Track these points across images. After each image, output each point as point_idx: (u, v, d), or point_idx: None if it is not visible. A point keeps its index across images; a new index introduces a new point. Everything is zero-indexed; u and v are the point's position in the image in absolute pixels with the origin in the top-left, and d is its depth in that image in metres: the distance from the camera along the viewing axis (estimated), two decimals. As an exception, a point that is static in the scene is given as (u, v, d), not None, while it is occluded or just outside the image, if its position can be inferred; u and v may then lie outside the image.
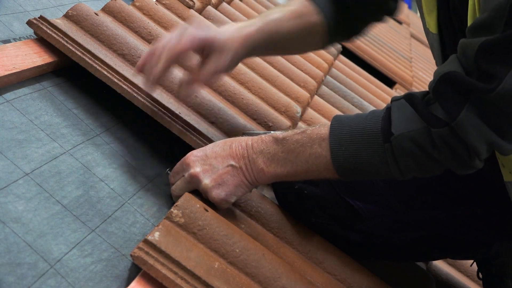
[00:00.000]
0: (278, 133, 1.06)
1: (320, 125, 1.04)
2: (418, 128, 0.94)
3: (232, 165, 1.04)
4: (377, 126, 0.98)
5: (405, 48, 3.65)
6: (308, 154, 1.02)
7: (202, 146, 1.17)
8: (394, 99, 0.99)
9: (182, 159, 1.08)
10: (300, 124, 1.60)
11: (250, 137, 1.07)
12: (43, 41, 1.19)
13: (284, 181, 1.11)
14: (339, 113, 1.83)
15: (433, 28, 1.14)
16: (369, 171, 1.01)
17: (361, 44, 2.95)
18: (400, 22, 4.47)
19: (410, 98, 0.96)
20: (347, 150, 0.99)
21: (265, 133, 1.09)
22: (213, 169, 1.04)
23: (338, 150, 1.00)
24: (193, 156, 1.06)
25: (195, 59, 1.18)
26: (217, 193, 1.03)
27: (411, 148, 0.95)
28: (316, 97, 1.83)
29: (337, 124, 1.02)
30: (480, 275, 1.39)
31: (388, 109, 0.99)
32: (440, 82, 0.92)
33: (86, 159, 1.03)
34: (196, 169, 1.04)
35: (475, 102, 0.90)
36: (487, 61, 0.88)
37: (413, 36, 4.42)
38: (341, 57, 2.56)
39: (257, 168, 1.04)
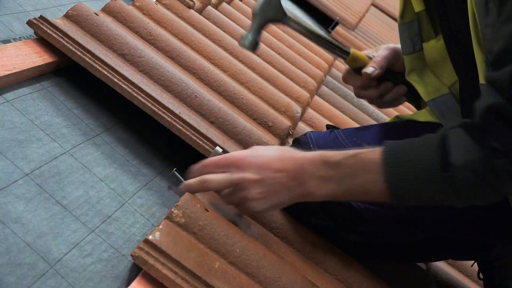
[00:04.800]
0: (327, 154, 1.03)
1: (373, 149, 1.01)
2: (478, 158, 0.91)
3: (282, 183, 1.02)
4: (434, 155, 0.95)
5: (405, 48, 3.64)
6: (364, 179, 1.00)
7: (202, 146, 1.17)
8: (451, 127, 0.97)
9: (233, 157, 1.04)
10: (300, 124, 1.60)
11: (302, 156, 1.04)
12: (43, 41, 1.19)
13: None
14: (339, 113, 1.83)
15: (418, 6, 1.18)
16: (425, 200, 0.99)
17: (361, 44, 2.95)
18: (400, 22, 4.47)
19: (467, 127, 0.94)
20: (403, 179, 0.97)
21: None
22: (264, 182, 1.01)
23: (394, 178, 0.97)
24: (248, 160, 1.02)
25: None
26: (257, 205, 1.02)
27: (471, 179, 0.93)
28: (316, 97, 1.83)
29: (391, 150, 0.99)
30: (481, 276, 1.39)
31: (444, 137, 0.96)
32: (485, 115, 0.90)
33: (86, 159, 1.03)
34: (249, 175, 1.01)
35: None
36: None
37: (413, 36, 4.41)
38: (341, 57, 2.55)
39: (308, 191, 1.02)
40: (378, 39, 3.29)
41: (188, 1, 1.70)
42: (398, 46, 1.31)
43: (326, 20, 3.05)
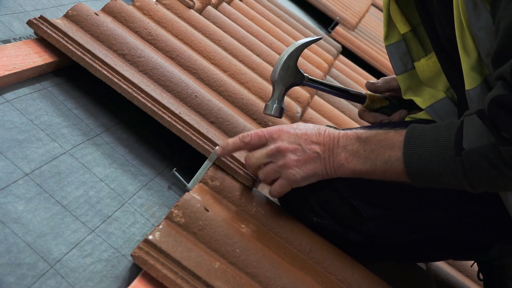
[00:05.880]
0: (362, 131, 1.09)
1: (402, 130, 1.05)
2: (488, 144, 0.94)
3: (317, 153, 1.08)
4: (450, 138, 0.99)
5: (405, 48, 3.64)
6: (388, 156, 1.04)
7: (202, 146, 1.17)
8: (467, 114, 0.99)
9: (268, 132, 1.09)
10: (300, 124, 1.60)
11: (338, 131, 1.11)
12: (43, 41, 1.19)
13: None
14: (339, 113, 1.83)
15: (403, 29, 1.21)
16: (439, 181, 1.02)
17: (361, 44, 2.95)
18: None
19: (481, 114, 0.96)
20: (420, 159, 1.01)
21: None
22: (300, 150, 1.08)
23: (411, 158, 1.01)
24: (283, 131, 1.09)
25: None
26: (293, 173, 1.08)
27: (481, 164, 0.96)
28: (316, 97, 1.83)
29: (414, 130, 1.04)
30: (481, 276, 1.39)
31: (462, 122, 0.99)
32: (490, 107, 0.92)
33: (86, 159, 1.03)
34: (285, 143, 1.07)
35: None
36: None
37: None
38: (341, 57, 2.56)
39: (338, 162, 1.08)
40: (378, 39, 3.29)
41: (188, 1, 1.70)
42: None
43: (326, 20, 3.05)
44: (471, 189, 1.00)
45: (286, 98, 1.56)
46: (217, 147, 1.15)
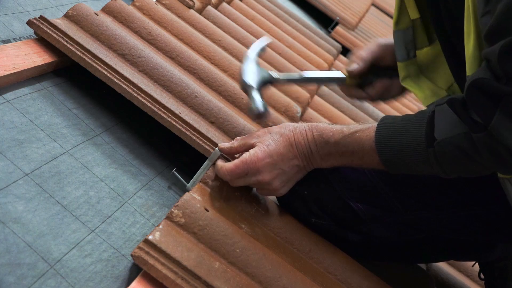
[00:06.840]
0: (329, 133, 1.10)
1: (369, 126, 1.08)
2: (460, 133, 0.95)
3: (297, 165, 1.12)
4: (421, 130, 1.00)
5: (405, 48, 3.64)
6: (362, 154, 1.08)
7: (202, 146, 1.17)
8: (438, 104, 1.00)
9: (244, 166, 1.09)
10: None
11: (304, 135, 1.12)
12: (43, 41, 1.19)
13: None
14: (339, 113, 1.83)
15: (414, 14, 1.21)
16: (414, 169, 1.05)
17: (361, 44, 2.95)
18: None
19: (452, 103, 0.97)
20: (392, 150, 1.04)
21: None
22: (283, 173, 1.11)
23: (384, 150, 1.05)
24: (261, 161, 1.09)
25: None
26: (282, 191, 1.13)
27: (453, 153, 0.97)
28: (316, 97, 1.82)
29: (385, 123, 1.07)
30: (482, 276, 1.39)
31: (432, 112, 1.00)
32: (469, 88, 0.93)
33: (86, 159, 1.03)
34: (266, 175, 1.09)
35: (506, 106, 0.89)
36: (511, 61, 0.88)
37: (413, 36, 4.41)
38: (341, 57, 2.56)
39: (316, 165, 1.14)
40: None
41: (188, 1, 1.70)
42: (389, 41, 1.34)
43: (326, 20, 3.05)
44: (444, 176, 1.02)
45: (286, 98, 1.56)
46: (217, 148, 1.15)
